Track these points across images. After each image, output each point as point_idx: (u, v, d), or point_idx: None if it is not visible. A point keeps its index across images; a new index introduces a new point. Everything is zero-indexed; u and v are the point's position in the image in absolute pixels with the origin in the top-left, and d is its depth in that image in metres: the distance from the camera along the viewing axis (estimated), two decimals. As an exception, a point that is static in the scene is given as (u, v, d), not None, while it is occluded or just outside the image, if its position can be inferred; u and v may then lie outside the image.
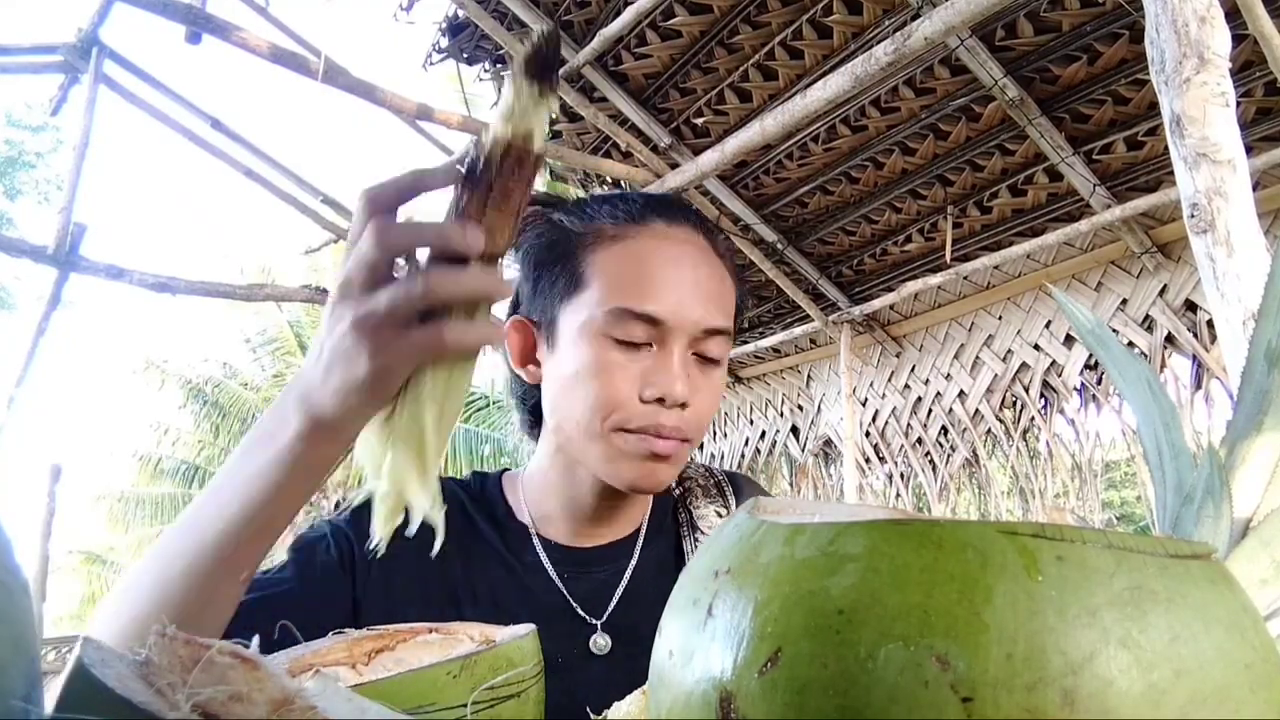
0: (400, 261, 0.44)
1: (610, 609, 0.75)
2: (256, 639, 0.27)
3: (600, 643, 0.72)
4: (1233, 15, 2.04)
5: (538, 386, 0.76)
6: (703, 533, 0.79)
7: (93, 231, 2.68)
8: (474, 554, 0.75)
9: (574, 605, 0.74)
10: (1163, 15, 1.38)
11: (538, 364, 0.75)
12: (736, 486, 0.86)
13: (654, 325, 0.68)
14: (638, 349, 0.69)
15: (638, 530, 0.80)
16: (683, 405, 0.68)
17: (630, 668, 0.71)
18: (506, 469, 0.84)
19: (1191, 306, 3.02)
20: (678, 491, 0.85)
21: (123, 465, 11.98)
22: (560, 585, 0.75)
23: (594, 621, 0.74)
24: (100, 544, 12.60)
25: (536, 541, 0.77)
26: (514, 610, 0.72)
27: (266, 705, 0.23)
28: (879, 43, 2.13)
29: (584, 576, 0.76)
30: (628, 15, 2.78)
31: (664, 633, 0.29)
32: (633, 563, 0.77)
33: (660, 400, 0.68)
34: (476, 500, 0.79)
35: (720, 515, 0.82)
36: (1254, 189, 1.87)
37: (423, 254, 0.44)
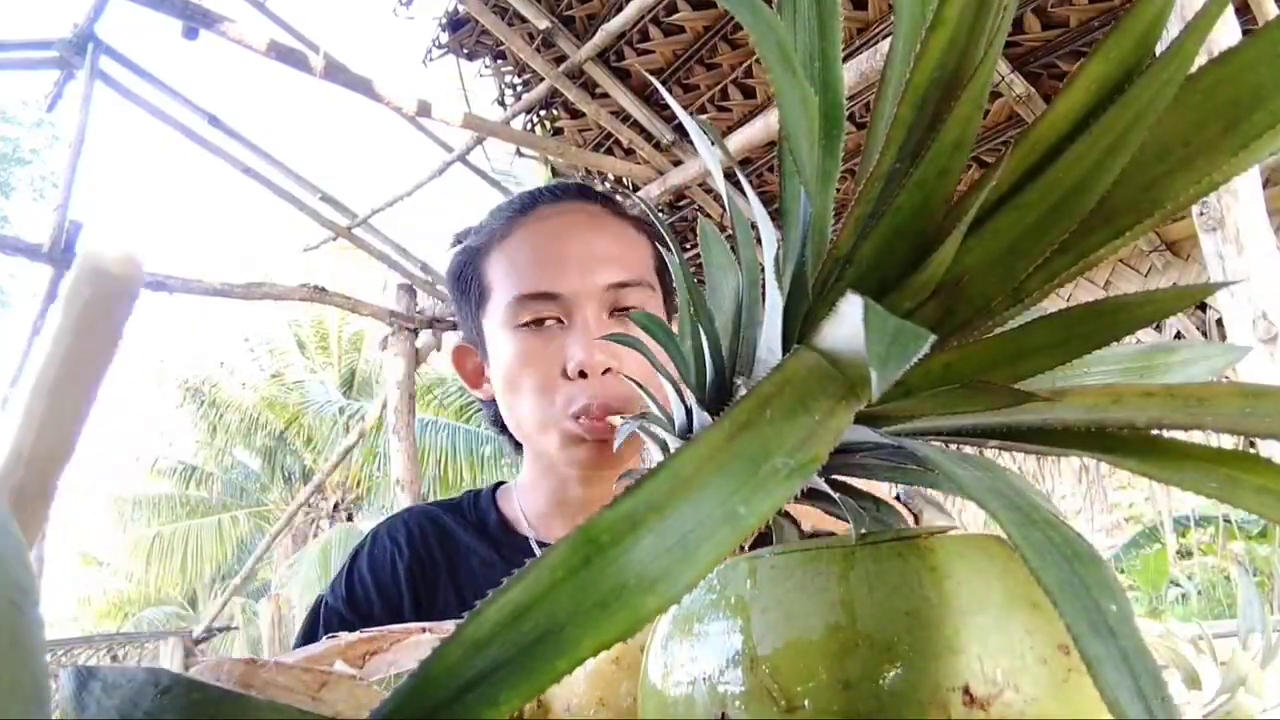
0: None
1: None
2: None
3: None
4: (1242, 11, 2.02)
5: None
6: None
7: (89, 229, 2.66)
8: (461, 569, 0.76)
9: None
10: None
11: (488, 381, 0.77)
12: None
13: (553, 300, 0.70)
14: (549, 330, 0.70)
15: None
16: (606, 371, 0.68)
17: None
18: (502, 482, 0.85)
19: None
20: None
21: (119, 465, 11.94)
22: None
23: None
24: (97, 545, 12.55)
25: (535, 545, 0.76)
26: None
27: None
28: (884, 39, 2.11)
29: None
30: (630, 10, 2.75)
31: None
32: None
33: (582, 374, 0.68)
34: (464, 517, 0.80)
35: None
36: (1264, 186, 1.85)
37: None
